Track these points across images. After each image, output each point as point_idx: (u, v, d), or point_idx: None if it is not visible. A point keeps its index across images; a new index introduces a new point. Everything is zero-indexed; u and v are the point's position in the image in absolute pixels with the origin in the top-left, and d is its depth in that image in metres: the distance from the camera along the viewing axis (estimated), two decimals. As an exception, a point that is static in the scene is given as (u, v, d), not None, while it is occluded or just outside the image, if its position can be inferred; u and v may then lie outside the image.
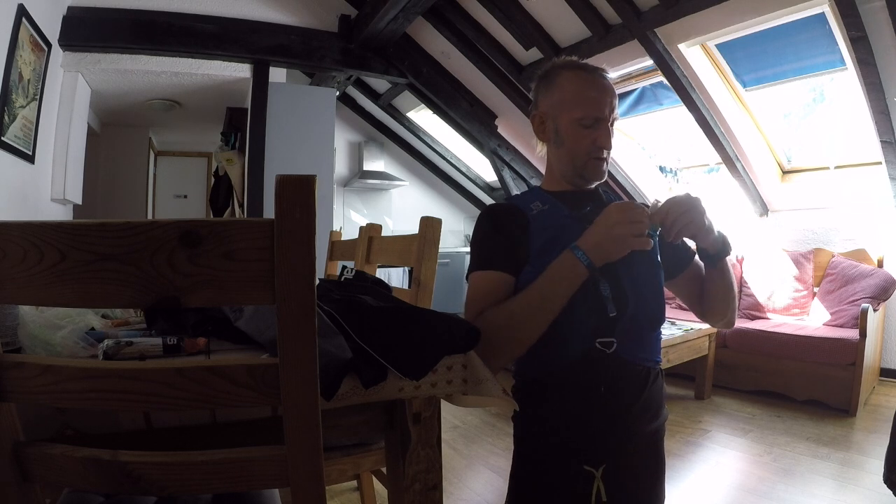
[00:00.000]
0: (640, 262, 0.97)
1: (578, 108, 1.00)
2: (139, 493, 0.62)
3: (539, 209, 1.04)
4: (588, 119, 1.00)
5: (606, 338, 0.96)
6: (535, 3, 3.77)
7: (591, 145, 1.01)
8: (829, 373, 3.01)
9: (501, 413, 2.97)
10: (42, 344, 0.75)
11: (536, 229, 1.01)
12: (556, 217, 1.02)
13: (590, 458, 0.96)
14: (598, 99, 1.01)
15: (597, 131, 1.00)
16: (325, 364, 0.66)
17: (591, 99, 1.00)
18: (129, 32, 3.63)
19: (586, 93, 1.01)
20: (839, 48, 3.01)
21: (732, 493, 2.08)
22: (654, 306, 1.00)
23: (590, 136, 1.01)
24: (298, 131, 4.16)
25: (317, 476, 0.63)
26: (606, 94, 1.01)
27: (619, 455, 0.97)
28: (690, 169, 4.61)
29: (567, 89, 1.03)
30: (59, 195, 3.50)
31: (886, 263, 3.48)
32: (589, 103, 1.00)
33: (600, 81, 1.02)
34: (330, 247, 2.17)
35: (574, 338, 0.96)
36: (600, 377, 0.96)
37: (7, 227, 0.54)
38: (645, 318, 0.99)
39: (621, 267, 0.95)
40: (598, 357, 0.96)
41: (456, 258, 5.58)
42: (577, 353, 0.96)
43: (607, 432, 0.96)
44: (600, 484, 0.95)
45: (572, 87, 1.02)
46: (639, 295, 0.97)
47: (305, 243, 0.57)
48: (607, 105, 1.01)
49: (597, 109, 1.00)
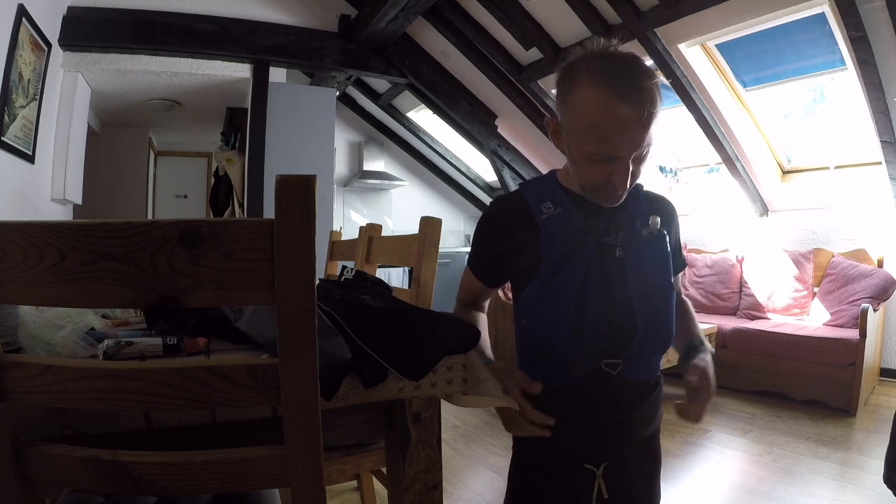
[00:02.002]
0: (654, 282, 0.93)
1: (591, 143, 0.83)
2: (139, 493, 0.62)
3: (550, 213, 0.94)
4: (601, 156, 0.84)
5: (613, 359, 0.93)
6: (535, 3, 3.77)
7: (605, 179, 0.86)
8: (829, 373, 3.01)
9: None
10: (42, 344, 0.75)
11: (548, 239, 0.93)
12: (569, 228, 0.93)
13: (590, 456, 0.96)
14: (616, 137, 0.81)
15: (613, 166, 0.84)
16: (325, 364, 0.66)
17: (607, 137, 0.81)
18: (129, 32, 3.63)
19: (602, 127, 0.81)
20: (839, 48, 3.01)
21: (732, 493, 2.08)
22: (664, 330, 0.96)
23: (604, 171, 0.85)
24: (298, 131, 4.17)
25: (317, 476, 0.63)
26: (629, 131, 0.80)
27: (619, 453, 0.97)
28: (690, 169, 4.61)
29: (580, 113, 0.83)
30: (59, 195, 3.50)
31: (886, 263, 3.48)
32: (603, 141, 0.82)
33: (624, 114, 0.79)
34: (330, 247, 2.17)
35: (580, 359, 0.94)
36: (603, 396, 0.95)
37: (7, 227, 0.54)
38: (654, 342, 0.95)
39: (633, 291, 0.91)
40: (602, 378, 0.93)
41: (456, 258, 5.57)
42: (581, 374, 0.94)
43: (608, 436, 0.97)
44: (601, 482, 0.95)
45: (587, 113, 0.82)
46: (649, 321, 0.92)
47: (305, 243, 0.57)
48: (629, 143, 0.81)
49: (613, 149, 0.82)
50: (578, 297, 0.92)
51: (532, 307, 0.98)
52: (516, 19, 3.90)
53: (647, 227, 0.94)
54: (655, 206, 1.01)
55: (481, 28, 4.24)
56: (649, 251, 0.94)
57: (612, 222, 0.94)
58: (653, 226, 0.94)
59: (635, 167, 0.85)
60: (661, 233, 0.95)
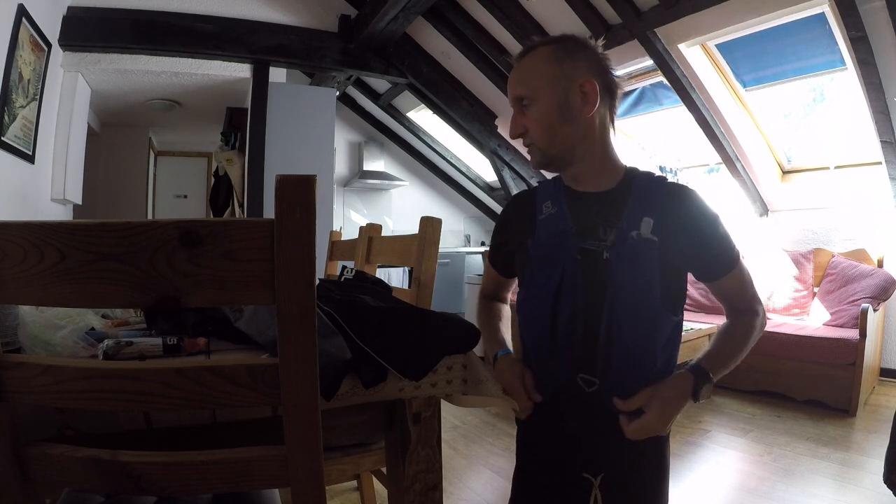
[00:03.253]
0: (638, 293, 0.87)
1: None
2: (139, 493, 0.62)
3: (548, 213, 0.96)
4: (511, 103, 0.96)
5: (589, 375, 0.89)
6: (535, 3, 3.77)
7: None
8: (829, 373, 3.01)
9: (501, 413, 2.97)
10: (42, 344, 0.75)
11: (536, 239, 0.95)
12: (554, 231, 0.94)
13: (588, 466, 0.93)
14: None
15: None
16: (324, 364, 0.66)
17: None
18: (129, 32, 3.63)
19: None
20: (839, 48, 3.01)
21: (732, 493, 2.08)
22: (642, 349, 0.88)
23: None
24: (298, 131, 4.16)
25: (317, 476, 0.63)
26: (511, 80, 0.94)
27: (619, 464, 0.93)
28: (690, 169, 4.61)
29: None
30: (59, 195, 3.50)
31: (886, 263, 3.48)
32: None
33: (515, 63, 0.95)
34: (330, 247, 2.17)
35: (554, 367, 0.92)
36: (584, 412, 0.92)
37: (7, 227, 0.54)
38: (631, 361, 0.88)
39: (616, 298, 0.87)
40: (577, 392, 0.90)
41: (456, 258, 5.57)
42: (555, 384, 0.92)
43: (606, 446, 0.93)
44: (597, 493, 0.92)
45: None
46: (625, 335, 0.87)
47: (305, 243, 0.57)
48: (510, 91, 0.94)
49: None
50: (555, 300, 0.90)
51: (520, 307, 0.99)
52: (516, 19, 3.90)
53: (638, 231, 0.87)
54: (666, 201, 0.90)
55: (481, 28, 4.24)
56: (637, 257, 0.87)
57: (602, 221, 0.90)
58: (643, 230, 0.86)
59: (526, 119, 0.92)
60: (649, 239, 0.86)
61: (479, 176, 6.22)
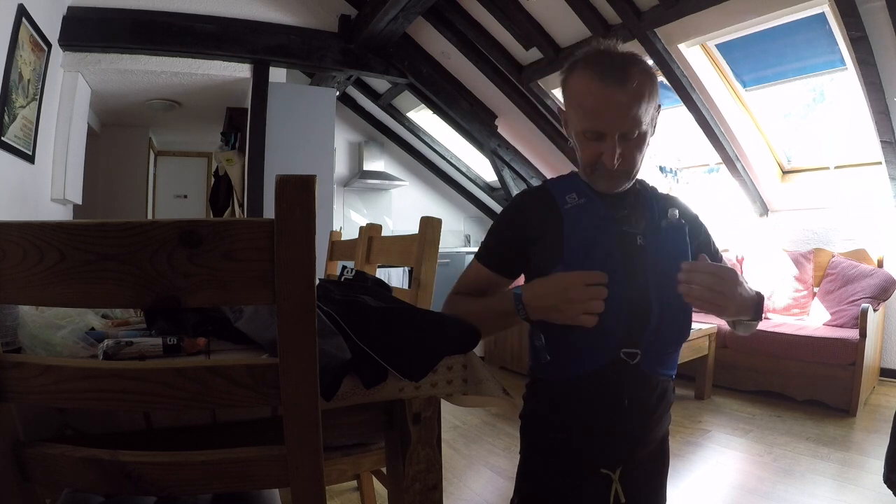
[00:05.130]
0: (673, 273, 0.89)
1: (581, 120, 0.91)
2: (139, 493, 0.62)
3: (574, 203, 0.97)
4: (590, 133, 0.91)
5: (632, 348, 0.93)
6: (535, 3, 3.77)
7: (597, 160, 0.92)
8: (829, 373, 3.01)
9: (501, 413, 2.97)
10: (42, 344, 0.75)
11: (570, 226, 0.95)
12: (592, 216, 0.96)
13: (606, 460, 0.96)
14: (602, 113, 0.88)
15: (602, 145, 0.91)
16: (324, 364, 0.66)
17: (594, 112, 0.89)
18: (128, 32, 3.62)
19: (589, 103, 0.89)
20: (839, 48, 3.01)
21: (732, 493, 2.08)
22: (680, 321, 0.95)
23: (596, 150, 0.92)
24: (298, 131, 4.16)
25: (317, 476, 0.63)
26: (611, 107, 0.87)
27: (633, 457, 0.97)
28: (690, 169, 4.61)
29: (574, 94, 0.93)
30: (59, 195, 3.50)
31: (886, 263, 3.48)
32: (591, 117, 0.90)
33: (610, 92, 0.87)
34: (330, 247, 2.17)
35: (601, 345, 0.93)
36: (623, 388, 0.94)
37: (7, 227, 0.54)
38: (670, 332, 0.95)
39: (652, 279, 0.92)
40: (621, 367, 0.93)
41: (456, 258, 5.57)
42: (601, 363, 0.93)
43: (625, 439, 0.96)
44: (618, 486, 0.95)
45: (578, 92, 0.91)
46: (664, 309, 0.92)
47: (305, 243, 0.57)
48: (612, 119, 0.88)
49: (599, 124, 0.89)
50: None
51: None
52: (516, 19, 3.90)
53: (667, 219, 0.95)
54: (664, 203, 1.02)
55: (481, 28, 4.24)
56: (669, 241, 0.95)
57: (633, 212, 0.96)
58: (671, 217, 0.95)
59: (626, 149, 0.91)
60: (680, 223, 0.95)
61: (479, 176, 6.22)
